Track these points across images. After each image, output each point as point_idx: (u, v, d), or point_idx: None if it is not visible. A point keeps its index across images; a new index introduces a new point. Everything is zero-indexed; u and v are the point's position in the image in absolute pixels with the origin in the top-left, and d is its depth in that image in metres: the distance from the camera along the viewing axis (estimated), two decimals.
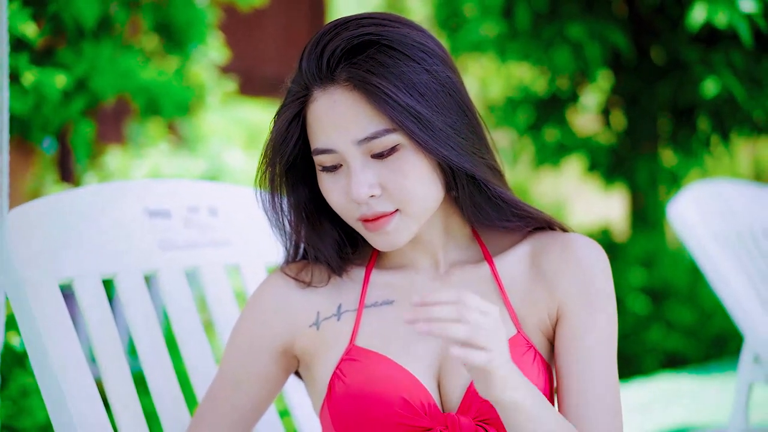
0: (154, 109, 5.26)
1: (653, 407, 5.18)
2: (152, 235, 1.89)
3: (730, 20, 5.41)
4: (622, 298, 6.57)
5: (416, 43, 1.54)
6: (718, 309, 6.82)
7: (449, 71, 1.56)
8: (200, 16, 5.43)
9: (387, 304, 1.63)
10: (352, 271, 1.68)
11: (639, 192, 7.32)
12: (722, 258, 2.82)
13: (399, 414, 1.52)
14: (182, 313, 1.90)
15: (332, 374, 1.59)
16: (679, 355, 6.61)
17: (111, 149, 7.01)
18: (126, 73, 4.95)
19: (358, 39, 1.51)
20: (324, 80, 1.52)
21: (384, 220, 1.53)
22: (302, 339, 1.64)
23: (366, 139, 1.50)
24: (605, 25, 6.23)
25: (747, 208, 3.13)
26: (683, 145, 7.03)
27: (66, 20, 4.69)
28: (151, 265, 1.88)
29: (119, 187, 1.91)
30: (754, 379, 2.93)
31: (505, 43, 6.56)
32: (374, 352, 1.58)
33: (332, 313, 1.64)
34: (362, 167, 1.52)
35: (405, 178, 1.52)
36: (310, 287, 1.66)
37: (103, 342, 1.75)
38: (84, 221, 1.79)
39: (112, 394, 1.74)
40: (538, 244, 1.64)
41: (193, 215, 1.97)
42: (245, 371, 1.67)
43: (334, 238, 1.66)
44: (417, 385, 1.54)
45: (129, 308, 1.82)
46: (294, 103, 1.56)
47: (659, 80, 6.77)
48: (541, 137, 7.32)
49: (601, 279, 1.61)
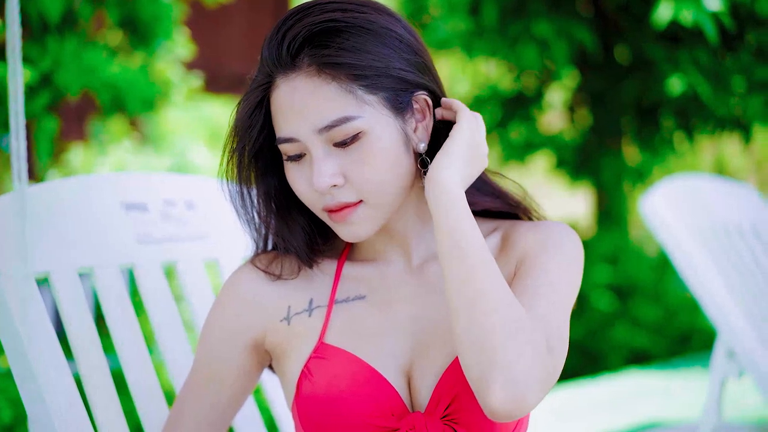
0: (119, 105, 5.21)
1: (621, 404, 5.20)
2: (129, 228, 1.86)
3: (696, 18, 5.43)
4: (587, 295, 6.59)
5: (383, 28, 1.50)
6: (683, 306, 6.87)
7: (419, 58, 1.53)
8: (166, 12, 5.39)
9: (358, 299, 1.60)
10: (324, 264, 1.64)
11: (604, 190, 7.36)
12: (695, 253, 2.83)
13: (365, 414, 1.49)
14: (160, 307, 1.87)
15: (300, 373, 1.55)
16: (645, 352, 6.64)
17: (74, 147, 6.94)
18: (91, 68, 4.90)
19: (321, 25, 1.48)
20: (285, 67, 1.49)
21: (348, 211, 1.50)
22: (273, 334, 1.61)
23: (327, 127, 1.47)
24: (571, 23, 6.25)
25: (720, 203, 3.14)
26: (648, 143, 7.07)
27: (30, 14, 4.63)
28: (128, 258, 1.84)
29: (95, 180, 1.88)
30: (727, 375, 2.93)
31: (472, 40, 6.56)
32: (343, 350, 1.55)
33: (303, 308, 1.60)
34: (324, 156, 1.48)
35: (368, 167, 1.48)
36: (281, 279, 1.62)
37: (81, 336, 1.72)
38: (59, 214, 1.76)
39: (90, 389, 1.71)
40: (510, 231, 1.61)
41: (170, 208, 1.94)
42: (218, 366, 1.64)
43: (304, 230, 1.62)
44: (384, 384, 1.51)
45: (106, 302, 1.79)
46: (256, 90, 1.53)
47: (624, 78, 6.80)
48: (507, 135, 7.34)
49: (563, 242, 1.56)
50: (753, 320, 2.89)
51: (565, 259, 1.55)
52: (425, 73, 1.55)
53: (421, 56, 1.54)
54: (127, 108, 5.17)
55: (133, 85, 5.07)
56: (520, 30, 6.25)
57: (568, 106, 7.47)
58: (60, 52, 4.81)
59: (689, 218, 2.92)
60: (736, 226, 3.15)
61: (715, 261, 2.91)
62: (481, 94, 7.43)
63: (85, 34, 5.10)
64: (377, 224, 1.53)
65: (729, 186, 3.28)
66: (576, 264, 1.56)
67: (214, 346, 1.64)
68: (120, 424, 1.73)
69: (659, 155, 7.19)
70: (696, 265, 2.81)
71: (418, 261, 1.61)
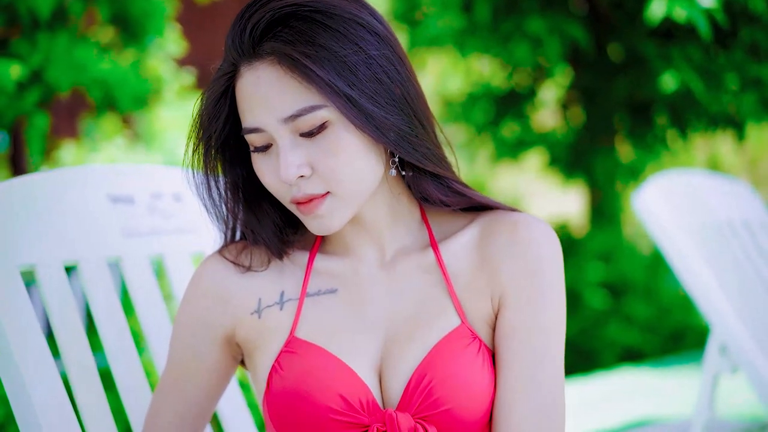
0: (111, 102, 5.19)
1: (614, 401, 5.19)
2: (115, 221, 1.84)
3: (689, 15, 5.42)
4: (581, 293, 6.58)
5: (348, 14, 1.46)
6: (676, 303, 6.87)
7: (385, 47, 1.48)
8: (157, 8, 5.37)
9: (330, 293, 1.57)
10: (296, 255, 1.61)
11: (597, 187, 7.35)
12: (688, 248, 2.81)
13: (335, 411, 1.46)
14: (147, 301, 1.85)
15: (271, 367, 1.53)
16: (637, 350, 6.64)
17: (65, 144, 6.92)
18: (82, 65, 4.88)
19: (284, 10, 1.43)
20: (248, 55, 1.45)
21: (316, 203, 1.47)
22: (244, 327, 1.58)
23: (292, 116, 1.43)
24: (564, 20, 6.24)
25: (712, 199, 3.13)
26: (641, 140, 7.06)
27: (21, 10, 4.61)
28: (114, 252, 1.82)
29: (81, 172, 1.85)
30: (720, 370, 2.92)
31: (465, 37, 6.55)
32: (314, 345, 1.52)
33: (275, 301, 1.57)
34: (291, 147, 1.44)
35: (335, 158, 1.44)
36: (251, 271, 1.59)
37: (66, 331, 1.70)
38: (46, 207, 1.74)
39: (76, 387, 1.69)
40: (487, 227, 1.56)
41: (157, 201, 1.91)
42: (190, 363, 1.61)
43: (274, 221, 1.59)
44: (356, 380, 1.48)
45: (92, 297, 1.77)
46: (221, 79, 1.49)
47: (617, 75, 6.79)
48: (500, 133, 7.33)
49: (548, 266, 1.53)
50: (745, 316, 2.87)
51: (556, 297, 1.54)
52: (391, 62, 1.49)
53: (389, 45, 1.49)
54: (119, 105, 5.15)
55: (124, 82, 5.05)
56: (513, 27, 6.23)
57: (561, 103, 7.46)
58: (50, 48, 4.79)
59: (681, 214, 2.90)
60: (729, 221, 3.13)
61: (707, 256, 2.89)
62: (473, 91, 7.42)
63: (76, 31, 5.08)
64: (346, 217, 1.50)
65: (721, 182, 3.27)
66: (560, 283, 1.55)
67: (184, 341, 1.61)
68: (107, 420, 1.71)
69: (652, 153, 7.19)
70: (688, 260, 2.80)
71: (390, 255, 1.59)
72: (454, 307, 1.53)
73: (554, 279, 1.54)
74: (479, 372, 1.49)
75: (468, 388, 1.47)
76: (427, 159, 1.50)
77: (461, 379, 1.47)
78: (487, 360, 1.51)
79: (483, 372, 1.49)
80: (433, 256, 1.56)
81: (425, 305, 1.53)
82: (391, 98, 1.47)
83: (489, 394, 1.49)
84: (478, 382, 1.48)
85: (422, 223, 1.60)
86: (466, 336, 1.51)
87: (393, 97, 1.47)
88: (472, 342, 1.50)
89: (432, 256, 1.57)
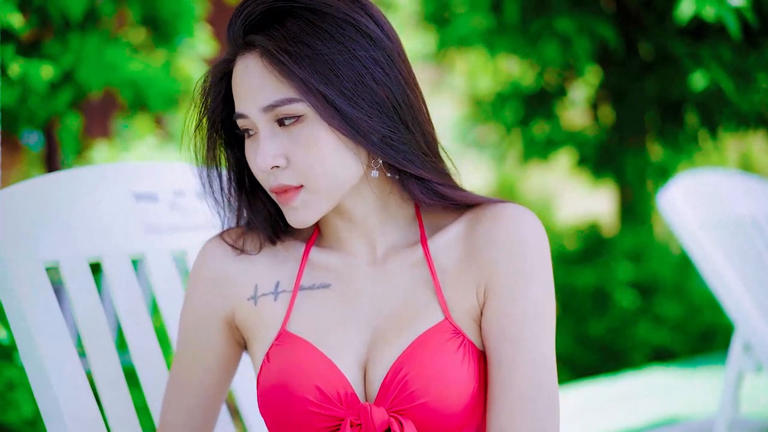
0: (142, 102, 5.23)
1: (641, 400, 5.18)
2: (138, 218, 1.87)
3: (719, 13, 5.39)
4: (611, 292, 6.56)
5: (341, 14, 1.48)
6: (706, 303, 6.83)
7: (375, 49, 1.49)
8: (188, 9, 5.41)
9: (323, 288, 1.60)
10: (292, 246, 1.64)
11: (627, 187, 7.32)
12: (713, 247, 2.81)
13: (311, 402, 1.49)
14: (169, 297, 1.88)
15: (262, 360, 1.57)
16: (667, 350, 6.61)
17: (98, 144, 6.98)
18: (113, 65, 4.93)
19: (276, 5, 1.47)
20: (240, 47, 1.50)
21: (290, 195, 1.50)
22: (241, 311, 1.62)
23: (270, 106, 1.47)
24: (593, 19, 6.22)
25: (737, 198, 3.13)
26: (671, 140, 7.02)
27: (52, 12, 4.67)
28: (137, 248, 1.85)
29: (106, 169, 1.88)
30: (744, 369, 2.92)
31: (494, 37, 6.55)
32: (301, 339, 1.54)
33: (270, 290, 1.61)
34: (270, 136, 1.49)
35: (308, 152, 1.47)
36: (245, 254, 1.63)
37: (91, 325, 1.73)
38: (70, 204, 1.77)
39: (101, 384, 1.72)
40: (473, 219, 1.57)
41: (179, 199, 1.94)
42: (197, 350, 1.65)
43: (268, 210, 1.63)
44: (335, 373, 1.51)
45: (116, 293, 1.80)
46: (219, 65, 1.55)
47: (647, 74, 6.76)
48: (530, 132, 7.32)
49: (530, 252, 1.53)
50: None
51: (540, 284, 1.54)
52: (379, 64, 1.49)
53: (380, 47, 1.50)
54: (150, 105, 5.20)
55: (155, 82, 5.10)
56: (542, 26, 6.23)
57: (590, 102, 7.44)
58: (82, 49, 4.84)
59: (706, 212, 2.91)
60: (753, 219, 3.13)
61: (731, 254, 2.89)
62: (503, 91, 7.41)
63: (108, 32, 5.13)
64: (319, 212, 1.52)
65: (746, 180, 3.27)
66: (545, 270, 1.55)
67: (190, 329, 1.65)
68: (131, 418, 1.74)
69: (683, 152, 7.14)
70: (712, 258, 2.80)
71: (382, 252, 1.61)
72: (438, 303, 1.55)
73: (536, 264, 1.54)
74: (458, 366, 1.49)
75: (444, 380, 1.48)
76: (409, 162, 1.51)
77: (436, 372, 1.48)
78: (471, 355, 1.51)
79: (463, 366, 1.50)
80: (422, 252, 1.58)
81: (411, 301, 1.56)
82: (374, 101, 1.48)
83: (470, 387, 1.49)
84: (455, 375, 1.48)
85: (415, 220, 1.62)
86: (447, 331, 1.52)
87: (376, 100, 1.48)
88: (454, 337, 1.51)
89: (421, 252, 1.59)
